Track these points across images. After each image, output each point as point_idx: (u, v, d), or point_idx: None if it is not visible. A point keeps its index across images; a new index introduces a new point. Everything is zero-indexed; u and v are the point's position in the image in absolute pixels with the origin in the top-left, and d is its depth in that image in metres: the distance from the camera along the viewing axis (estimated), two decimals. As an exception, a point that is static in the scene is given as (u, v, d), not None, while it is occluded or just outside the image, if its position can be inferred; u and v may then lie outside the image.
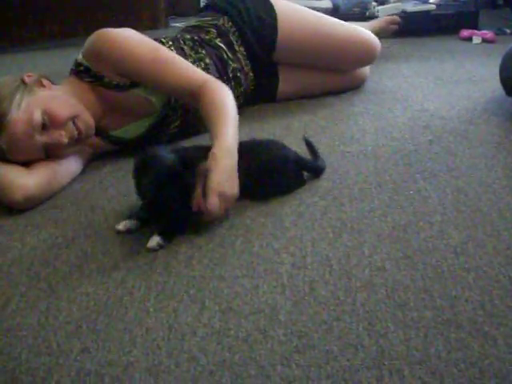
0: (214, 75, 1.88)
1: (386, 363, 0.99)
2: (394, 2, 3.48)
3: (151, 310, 1.16)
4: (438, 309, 1.11)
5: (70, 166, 1.75)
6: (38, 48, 3.65)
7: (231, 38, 2.14)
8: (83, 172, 1.80)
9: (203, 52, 2.04)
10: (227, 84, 1.83)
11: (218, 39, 2.12)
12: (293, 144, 1.80)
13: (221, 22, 2.16)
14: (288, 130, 2.00)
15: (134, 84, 1.80)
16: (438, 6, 3.54)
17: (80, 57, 1.81)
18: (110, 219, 1.51)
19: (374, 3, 3.46)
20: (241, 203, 1.52)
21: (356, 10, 3.45)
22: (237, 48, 2.14)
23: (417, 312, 1.10)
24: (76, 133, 1.68)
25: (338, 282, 1.20)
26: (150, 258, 1.33)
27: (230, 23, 2.16)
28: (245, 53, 2.15)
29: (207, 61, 2.02)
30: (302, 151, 1.75)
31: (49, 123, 1.62)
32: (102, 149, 1.89)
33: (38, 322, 1.15)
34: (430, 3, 3.54)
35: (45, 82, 1.71)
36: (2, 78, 1.70)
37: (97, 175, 1.79)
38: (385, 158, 1.75)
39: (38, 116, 1.60)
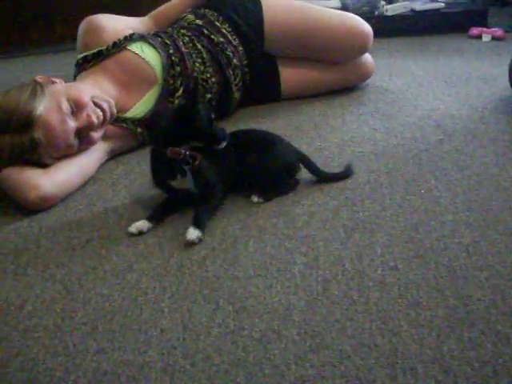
0: (197, 46, 2.11)
1: (399, 362, 1.00)
2: (403, 1, 3.47)
3: (166, 310, 1.17)
4: (451, 308, 1.11)
5: (85, 167, 1.77)
6: (49, 51, 3.67)
7: (210, 17, 2.20)
8: (96, 174, 1.81)
9: (183, 31, 2.15)
10: (216, 56, 2.09)
11: (198, 20, 2.19)
12: (303, 144, 1.82)
13: (200, 11, 2.25)
14: (298, 130, 2.01)
15: (126, 38, 1.99)
16: (447, 4, 3.53)
17: (78, 57, 2.00)
18: (124, 221, 1.52)
19: (382, 2, 3.45)
20: (253, 204, 1.54)
21: (365, 8, 3.44)
22: (219, 24, 2.18)
23: (429, 311, 1.11)
24: (101, 113, 1.79)
25: (351, 281, 1.21)
26: (163, 259, 1.34)
27: (208, 9, 2.24)
28: (229, 29, 2.19)
29: (189, 33, 2.14)
30: (312, 151, 1.76)
31: (75, 108, 1.72)
32: (120, 140, 1.93)
33: (53, 323, 1.17)
34: (439, 1, 3.53)
35: (56, 79, 1.79)
36: (13, 87, 1.72)
37: (109, 177, 1.80)
38: (396, 157, 1.75)
39: (65, 102, 1.70)
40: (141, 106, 1.96)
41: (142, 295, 1.22)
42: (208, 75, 2.08)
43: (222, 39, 2.15)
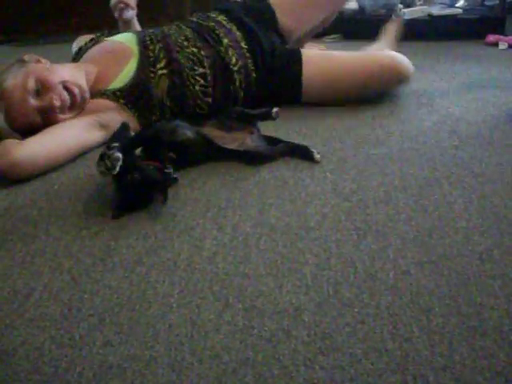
0: (181, 27, 2.20)
1: (410, 368, 0.98)
2: (421, 5, 3.45)
3: (174, 305, 1.16)
4: (463, 315, 1.10)
5: (60, 137, 1.83)
6: (63, 40, 3.66)
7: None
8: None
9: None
10: (203, 34, 2.15)
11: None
12: (318, 144, 1.81)
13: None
14: (312, 130, 2.00)
15: (103, 33, 2.25)
16: (465, 10, 3.51)
17: None
18: (134, 213, 1.51)
19: (400, 6, 3.43)
20: (266, 202, 1.52)
21: (382, 11, 3.43)
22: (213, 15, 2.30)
23: (441, 318, 1.09)
24: (68, 97, 1.87)
25: (363, 284, 1.19)
26: (173, 254, 1.33)
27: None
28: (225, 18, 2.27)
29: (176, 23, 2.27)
30: (326, 151, 1.75)
31: (41, 89, 1.82)
32: (106, 114, 1.93)
33: (60, 313, 1.16)
34: (457, 7, 3.52)
35: (43, 60, 1.92)
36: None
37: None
38: (410, 161, 1.74)
39: (31, 82, 1.81)
40: (121, 78, 2.00)
41: (151, 289, 1.21)
42: (195, 49, 2.09)
43: (212, 23, 2.20)
